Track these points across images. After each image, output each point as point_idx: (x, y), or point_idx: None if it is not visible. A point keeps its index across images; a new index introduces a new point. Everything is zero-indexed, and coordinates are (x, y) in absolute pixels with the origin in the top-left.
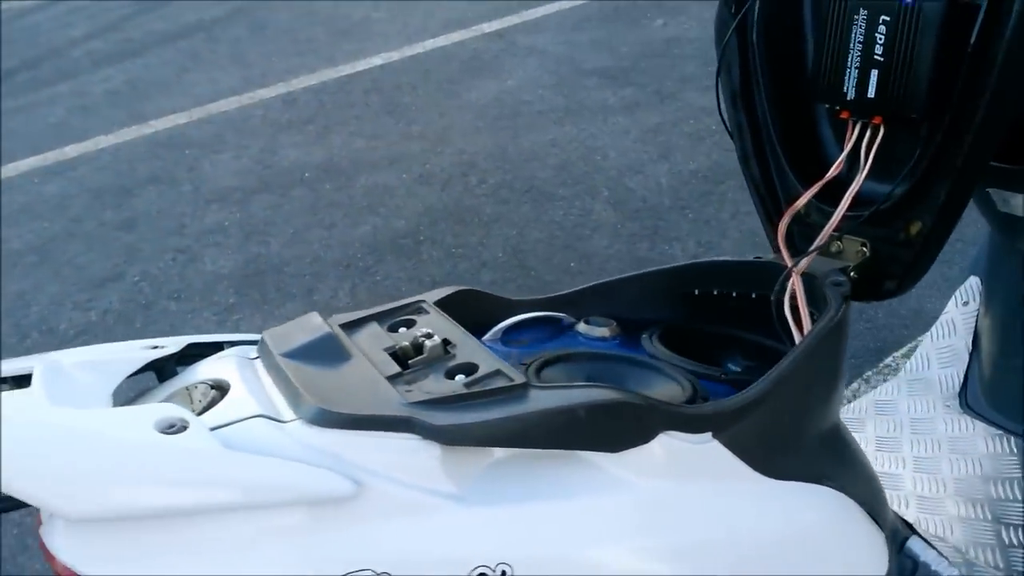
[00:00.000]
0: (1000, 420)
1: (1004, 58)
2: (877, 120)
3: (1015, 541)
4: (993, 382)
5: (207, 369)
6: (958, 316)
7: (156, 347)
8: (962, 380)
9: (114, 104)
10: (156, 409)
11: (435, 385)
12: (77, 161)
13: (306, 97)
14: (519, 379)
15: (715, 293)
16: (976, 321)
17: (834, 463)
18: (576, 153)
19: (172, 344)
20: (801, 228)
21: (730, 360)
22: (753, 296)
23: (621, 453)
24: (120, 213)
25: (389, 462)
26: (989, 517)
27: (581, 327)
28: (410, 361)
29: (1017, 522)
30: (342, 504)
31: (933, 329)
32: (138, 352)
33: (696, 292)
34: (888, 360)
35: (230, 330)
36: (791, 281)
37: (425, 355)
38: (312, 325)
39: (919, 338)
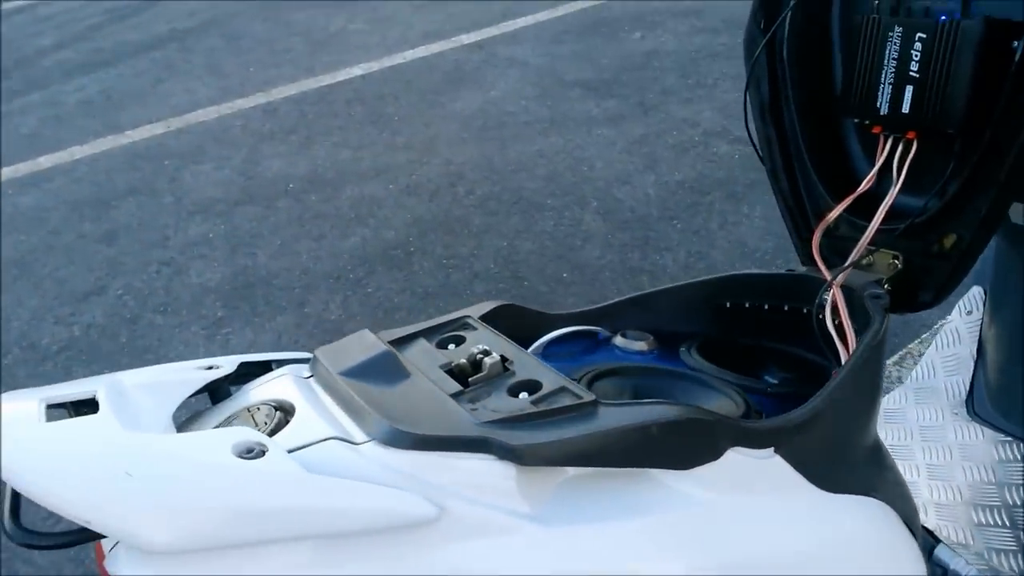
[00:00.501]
0: (1007, 427)
1: None
2: (911, 135)
3: None
4: (999, 389)
5: (265, 389)
6: (962, 325)
7: (211, 367)
8: (968, 388)
9: (88, 114)
10: (231, 433)
11: (500, 403)
12: (52, 172)
13: (287, 107)
14: (587, 396)
15: (747, 305)
16: (980, 330)
17: (878, 475)
18: (563, 164)
19: (225, 364)
20: (831, 241)
21: (766, 372)
22: (786, 308)
23: (692, 470)
24: (100, 225)
25: (467, 483)
26: (1007, 523)
27: (618, 340)
28: (470, 379)
29: None
30: (425, 527)
31: (938, 338)
32: (193, 373)
33: (728, 304)
34: None
35: (220, 344)
36: (831, 294)
37: (485, 372)
38: (366, 343)
39: (908, 346)
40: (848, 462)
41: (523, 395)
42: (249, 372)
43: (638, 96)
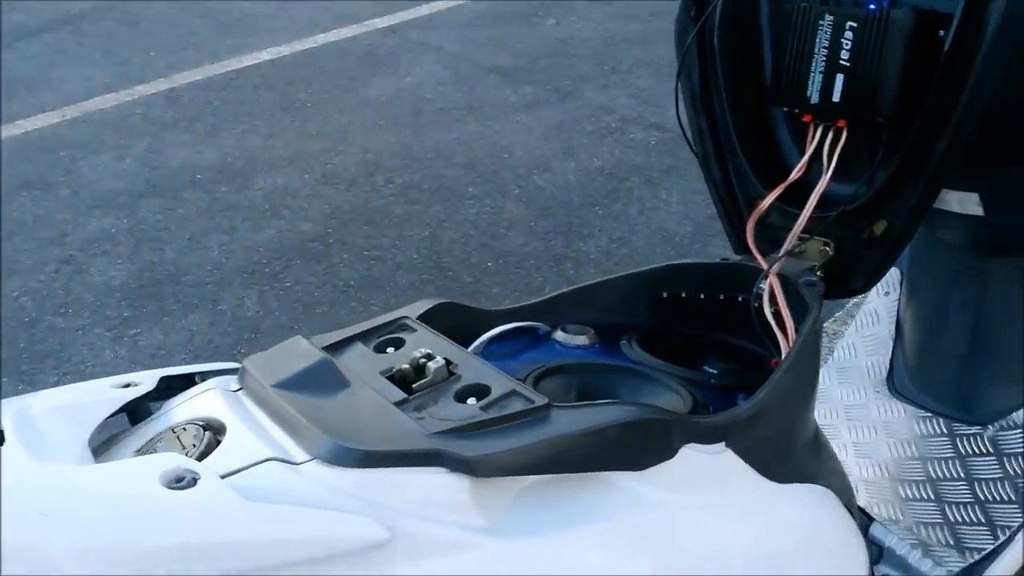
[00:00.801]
0: (926, 403)
1: (983, 64)
2: (841, 123)
3: (960, 518)
4: (917, 367)
5: (190, 407)
6: (881, 305)
7: (128, 385)
8: (888, 366)
9: None
10: (157, 461)
11: (448, 410)
12: None
13: (191, 94)
14: (540, 400)
15: (684, 295)
16: (898, 310)
17: (818, 461)
18: (482, 151)
19: (144, 380)
20: (763, 230)
21: (706, 363)
22: (722, 298)
23: (647, 470)
24: None
25: (420, 500)
26: (932, 496)
27: (559, 335)
28: (414, 386)
29: (958, 500)
30: (377, 550)
31: (857, 319)
32: (109, 392)
33: (665, 295)
34: None
35: (128, 347)
36: (767, 282)
37: (429, 378)
38: (300, 350)
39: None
40: (793, 451)
41: (471, 400)
42: (170, 387)
43: (554, 82)
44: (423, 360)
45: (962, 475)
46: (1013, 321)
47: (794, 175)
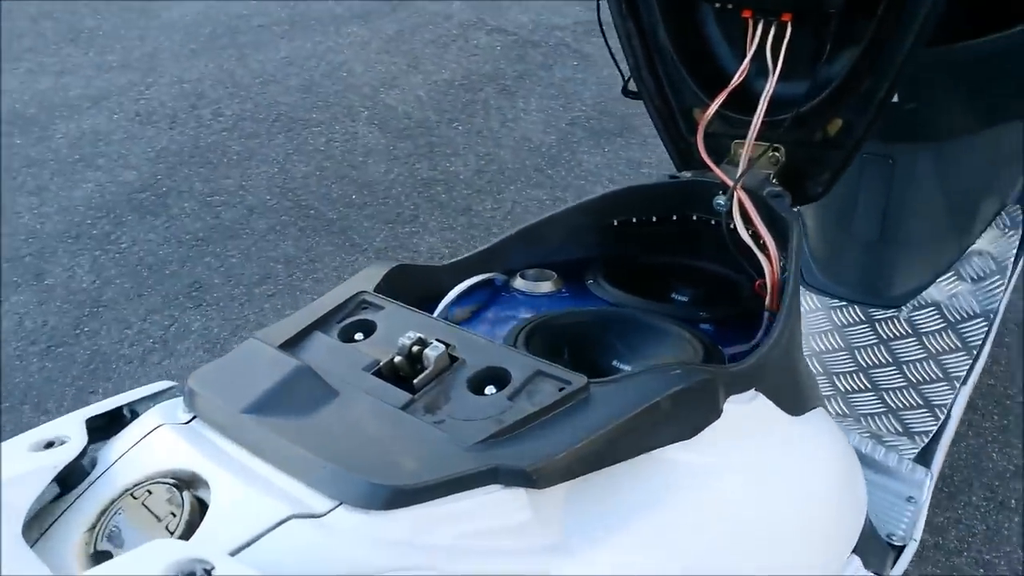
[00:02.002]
0: (840, 292)
1: None
2: (786, 17)
3: (900, 404)
4: (829, 258)
5: (141, 457)
6: None
7: (50, 443)
8: None
9: None
10: (148, 556)
11: (467, 407)
12: None
13: None
14: (575, 379)
15: (634, 221)
16: None
17: (813, 383)
18: (318, 71)
19: (65, 430)
20: (704, 139)
21: (673, 291)
22: (674, 219)
23: (697, 436)
24: None
25: (478, 531)
26: (869, 386)
27: (519, 283)
28: (416, 381)
29: (892, 386)
30: None
31: None
32: (29, 459)
33: (615, 223)
34: None
35: None
36: (735, 198)
37: (431, 368)
38: (261, 357)
39: None
40: (800, 381)
41: (490, 390)
42: (95, 428)
43: None
44: (416, 347)
45: (889, 360)
46: (919, 204)
47: (737, 78)
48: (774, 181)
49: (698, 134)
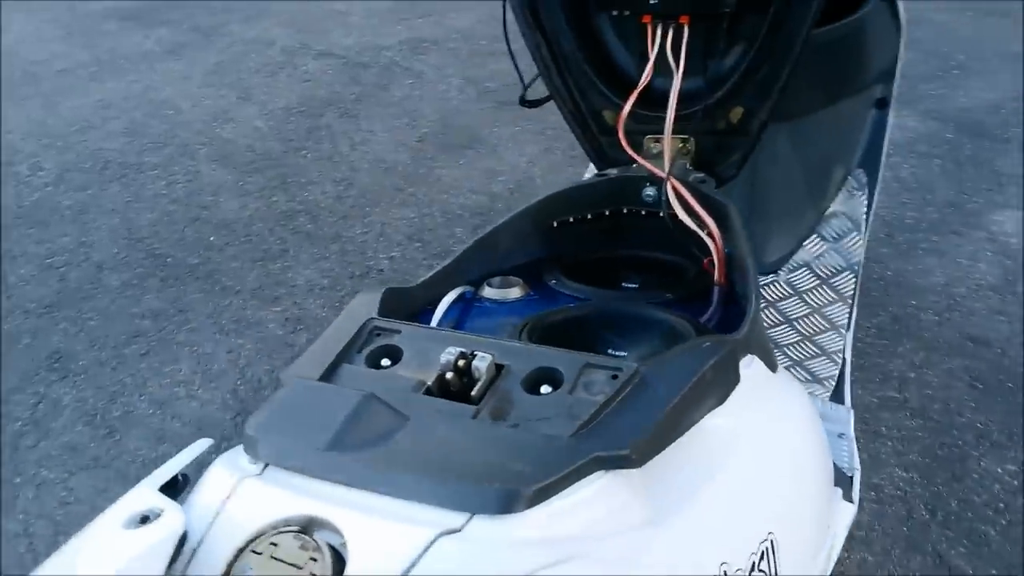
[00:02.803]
0: None
1: None
2: (684, 19)
3: (802, 355)
4: None
5: (242, 514)
6: None
7: (143, 519)
8: None
9: None
10: None
11: (531, 407)
12: None
13: None
14: (627, 367)
15: (572, 220)
16: None
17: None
18: (140, 111)
19: (149, 504)
20: (611, 138)
21: (623, 279)
22: (607, 213)
23: (726, 403)
24: None
25: (597, 517)
26: (773, 345)
27: (489, 292)
28: (473, 393)
29: (790, 341)
30: None
31: None
32: (137, 540)
33: (555, 224)
34: None
35: None
36: (668, 188)
37: (483, 378)
38: (317, 394)
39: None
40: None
41: (545, 388)
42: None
43: (190, 20)
44: (460, 361)
45: (781, 319)
46: (781, 178)
47: (645, 79)
48: (690, 168)
49: (620, 133)
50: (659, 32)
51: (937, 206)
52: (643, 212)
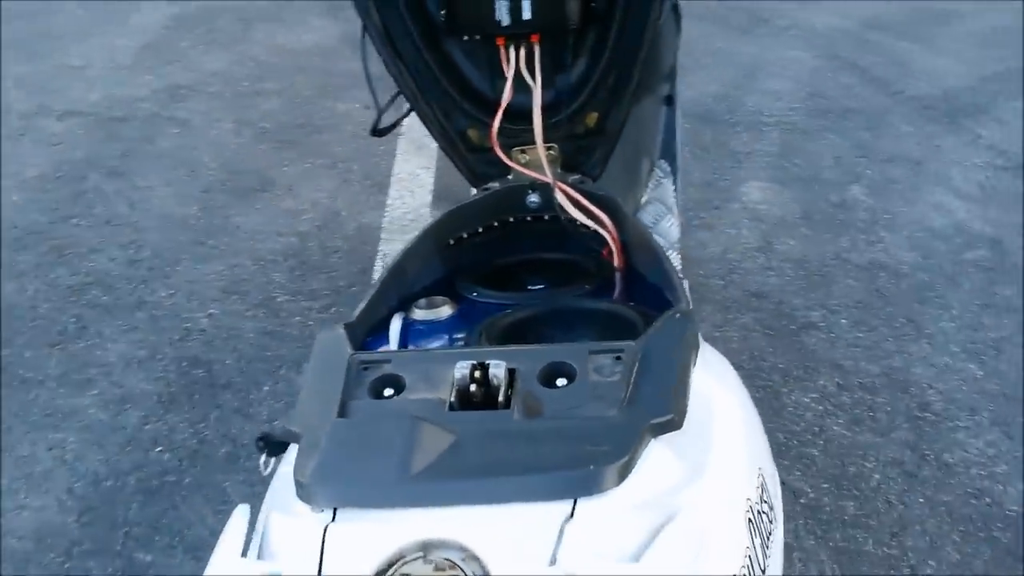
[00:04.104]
0: None
1: None
2: (534, 38)
3: None
4: None
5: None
6: None
7: None
8: None
9: None
10: None
11: (559, 401)
12: None
13: None
14: (627, 346)
15: (465, 236)
16: None
17: None
18: None
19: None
20: (480, 155)
21: (528, 282)
22: (495, 224)
23: (697, 365)
24: None
25: (663, 476)
26: None
27: (420, 315)
28: (499, 399)
29: None
30: None
31: None
32: None
33: (451, 242)
34: None
35: None
36: (557, 194)
37: (503, 384)
38: (362, 429)
39: None
40: None
41: (561, 381)
42: None
43: None
44: (478, 372)
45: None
46: (606, 173)
47: (507, 97)
48: (559, 172)
49: (496, 148)
50: (512, 52)
51: (697, 186)
52: (528, 218)
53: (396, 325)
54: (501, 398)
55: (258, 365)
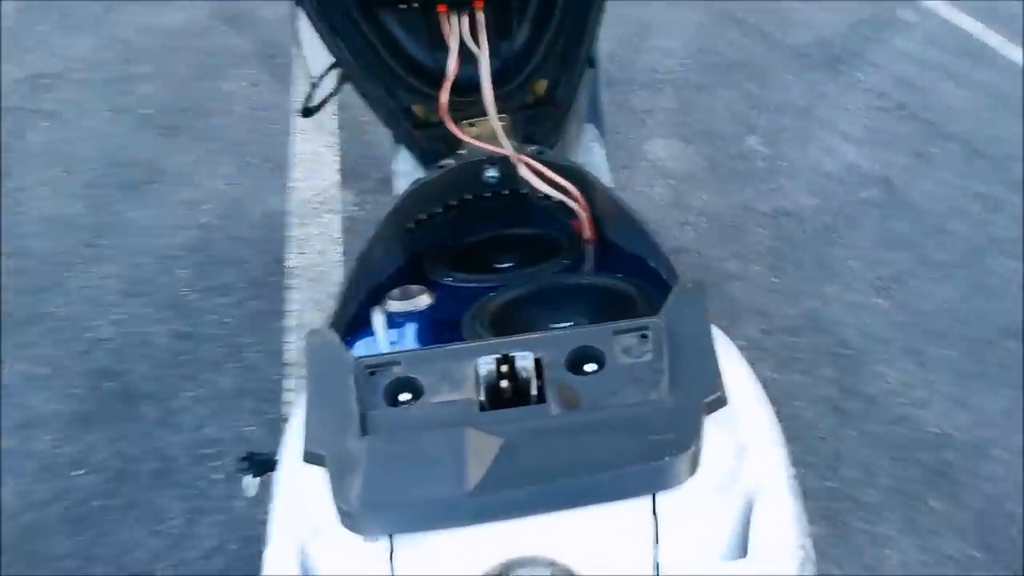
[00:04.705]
0: None
1: None
2: (478, 4)
3: None
4: None
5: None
6: None
7: None
8: None
9: None
10: None
11: (594, 388)
12: None
13: None
14: (652, 322)
15: (426, 216)
16: None
17: None
18: None
19: None
20: (429, 131)
21: (496, 260)
22: (455, 203)
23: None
24: None
25: (727, 453)
26: None
27: (397, 307)
28: (533, 393)
29: None
30: None
31: None
32: None
33: (412, 224)
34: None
35: None
36: (521, 167)
37: (532, 376)
38: (403, 447)
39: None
40: None
41: (590, 367)
42: None
43: None
44: (500, 367)
45: None
46: None
47: (454, 68)
48: (517, 143)
49: (447, 122)
50: (455, 20)
51: (607, 147)
52: (488, 194)
53: (379, 320)
54: (534, 391)
55: (175, 371)
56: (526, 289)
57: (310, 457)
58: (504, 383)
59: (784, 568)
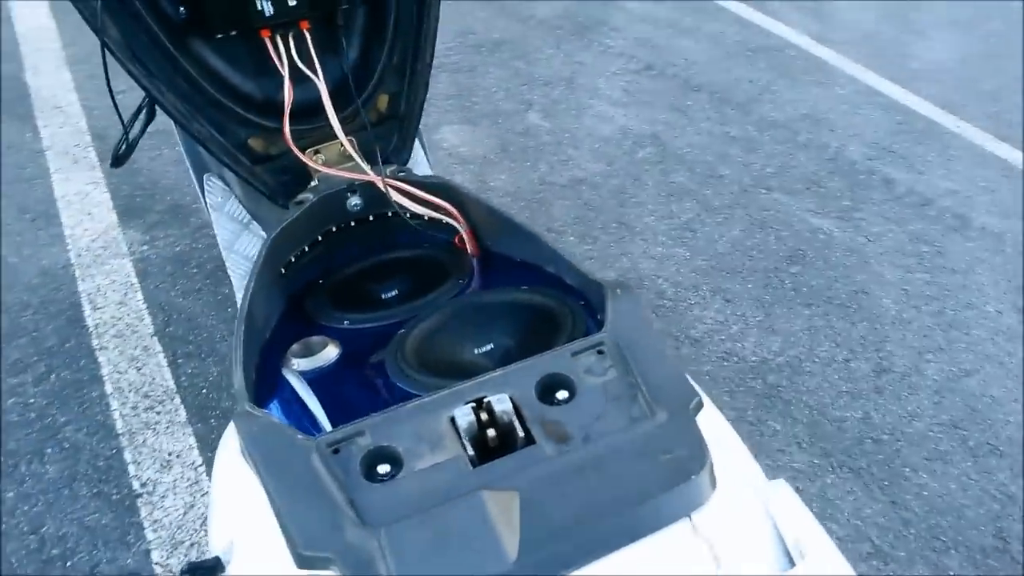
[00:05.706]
0: None
1: None
2: (304, 25)
3: None
4: None
5: None
6: None
7: None
8: None
9: None
10: None
11: (573, 417)
12: None
13: None
14: (602, 336)
15: (294, 259)
16: None
17: None
18: None
19: None
20: (271, 164)
21: (380, 290)
22: (319, 238)
23: None
24: None
25: (721, 452)
26: None
27: (304, 365)
28: (522, 434)
29: None
30: None
31: None
32: None
33: (284, 270)
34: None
35: None
36: (387, 189)
37: (511, 420)
38: (427, 528)
39: None
40: None
41: (562, 394)
42: None
43: None
44: (480, 415)
45: None
46: None
47: (289, 94)
48: (376, 166)
49: (295, 151)
50: (281, 44)
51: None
52: (352, 223)
53: (298, 384)
54: (521, 433)
55: None
56: (441, 317)
57: (309, 562)
58: (491, 432)
59: (841, 568)
